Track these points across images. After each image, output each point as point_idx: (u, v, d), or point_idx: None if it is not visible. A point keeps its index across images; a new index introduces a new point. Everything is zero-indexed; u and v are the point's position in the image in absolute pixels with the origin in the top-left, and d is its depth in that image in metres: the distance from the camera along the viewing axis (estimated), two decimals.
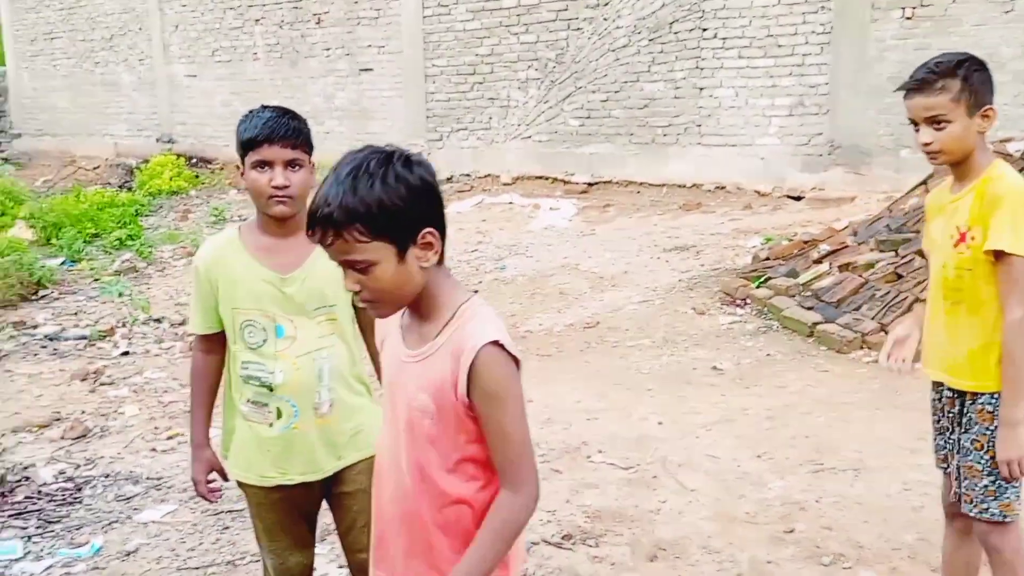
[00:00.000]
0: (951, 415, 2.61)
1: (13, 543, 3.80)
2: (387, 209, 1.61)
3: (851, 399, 4.97)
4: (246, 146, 2.30)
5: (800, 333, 5.98)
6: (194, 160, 14.99)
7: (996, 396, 2.43)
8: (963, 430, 2.54)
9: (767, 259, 7.24)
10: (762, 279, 6.77)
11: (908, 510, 3.72)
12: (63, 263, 9.36)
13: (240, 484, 2.54)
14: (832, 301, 6.13)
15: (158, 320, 7.57)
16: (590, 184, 11.03)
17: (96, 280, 8.75)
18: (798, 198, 9.57)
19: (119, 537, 3.90)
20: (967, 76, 2.37)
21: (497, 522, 1.69)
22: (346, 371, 2.40)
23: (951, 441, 2.63)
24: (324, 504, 2.57)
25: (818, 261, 6.67)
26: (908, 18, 9.02)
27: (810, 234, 7.59)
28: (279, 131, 2.27)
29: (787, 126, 9.71)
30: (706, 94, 10.16)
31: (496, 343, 1.64)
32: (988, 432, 2.45)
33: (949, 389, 2.59)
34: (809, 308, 6.17)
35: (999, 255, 2.36)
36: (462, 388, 1.66)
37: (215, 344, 2.45)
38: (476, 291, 1.84)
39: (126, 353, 6.75)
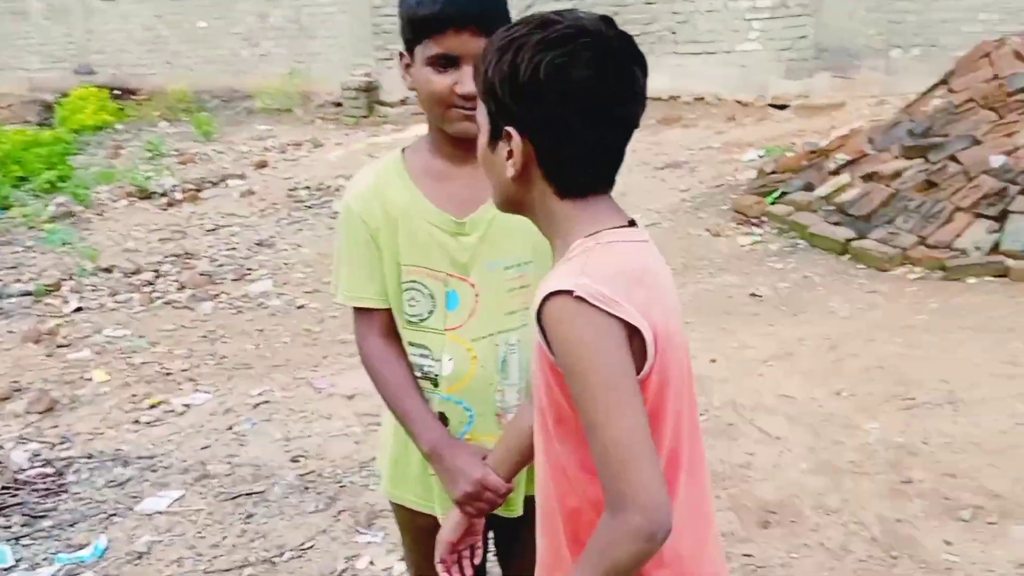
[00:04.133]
0: None
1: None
2: (491, 84, 1.25)
3: (913, 322, 4.57)
4: (420, 28, 1.58)
5: (832, 251, 5.56)
6: (117, 92, 13.81)
7: None
8: None
9: (773, 172, 6.77)
10: (776, 194, 6.31)
11: None
12: None
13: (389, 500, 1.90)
14: (861, 215, 5.71)
15: (107, 270, 6.79)
16: None
17: (31, 228, 7.87)
18: (783, 107, 9.11)
19: (123, 534, 3.29)
20: None
21: (594, 549, 1.18)
22: None
23: None
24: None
25: (835, 172, 6.22)
26: None
27: (813, 144, 7.14)
28: (472, 9, 1.54)
29: (769, 30, 9.17)
30: None
31: (568, 293, 1.15)
32: None
33: None
34: (836, 224, 5.74)
35: None
36: (546, 348, 1.22)
37: (390, 322, 1.72)
38: (632, 221, 1.28)
39: (79, 309, 6.01)
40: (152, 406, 4.47)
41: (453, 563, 1.63)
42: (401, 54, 1.66)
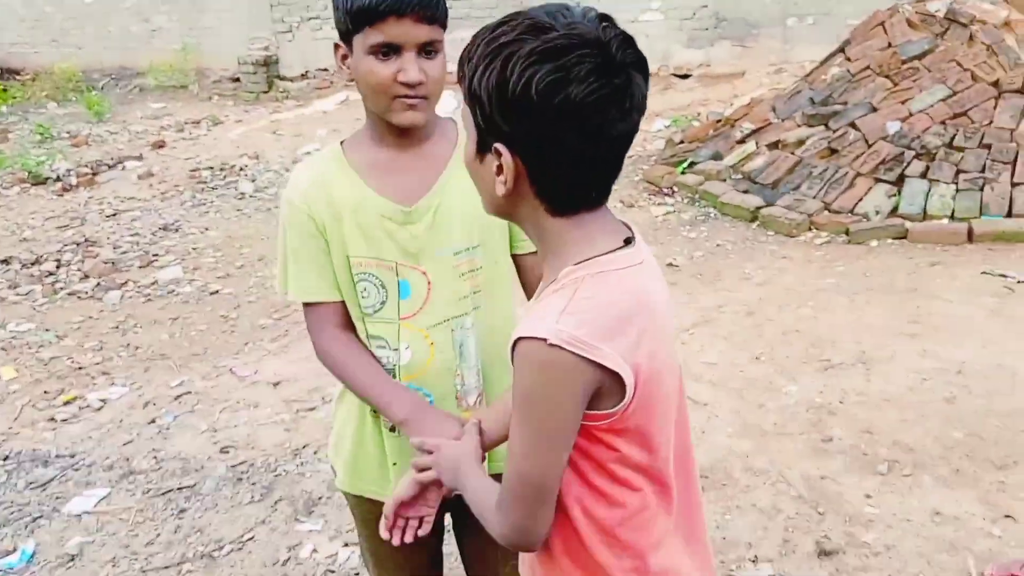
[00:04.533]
0: None
1: None
2: (476, 95, 1.14)
3: (823, 285, 4.75)
4: (359, 19, 1.53)
5: (742, 219, 5.72)
6: None
7: None
8: None
9: (682, 143, 6.91)
10: (686, 164, 6.44)
11: (941, 403, 3.53)
12: None
13: (345, 495, 1.89)
14: (768, 183, 5.89)
15: (5, 261, 6.50)
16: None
17: None
18: (685, 76, 9.27)
19: (51, 537, 3.19)
20: None
21: (488, 501, 1.29)
22: (502, 346, 1.75)
23: None
24: None
25: (742, 141, 6.39)
26: None
27: (719, 113, 7.30)
28: None
29: None
30: None
31: (542, 341, 1.11)
32: None
33: None
34: (744, 192, 5.90)
35: None
36: None
37: (344, 312, 1.70)
38: (630, 238, 1.21)
39: None
40: (67, 402, 4.33)
41: (397, 524, 1.57)
42: (337, 45, 1.63)
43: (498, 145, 1.14)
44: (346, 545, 3.00)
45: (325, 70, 11.44)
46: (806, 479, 3.11)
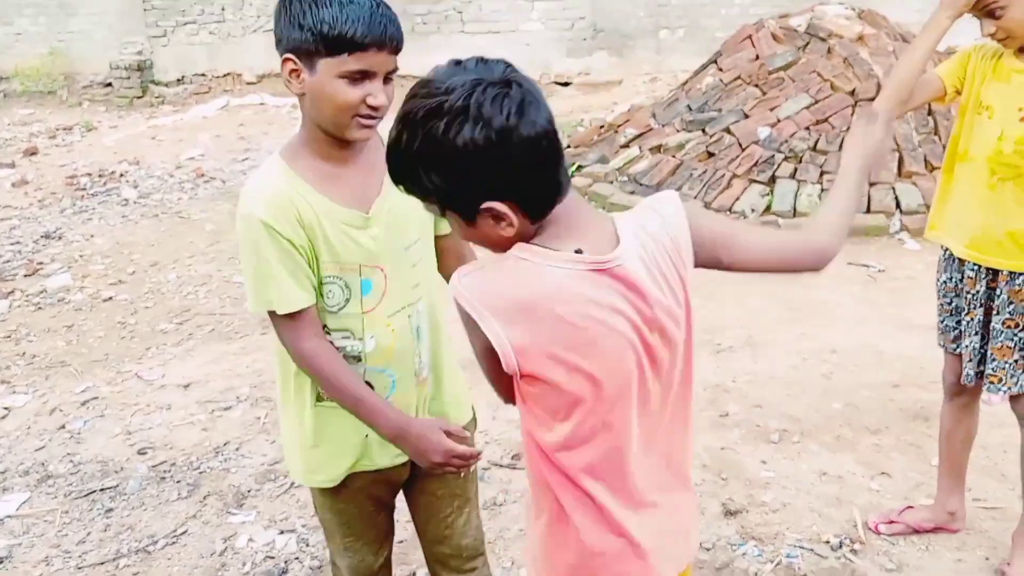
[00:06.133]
0: (971, 295, 2.50)
1: None
2: (431, 185, 1.29)
3: (710, 277, 5.05)
4: (338, 46, 1.61)
5: None
6: None
7: None
8: (995, 312, 2.45)
9: (569, 147, 7.21)
10: (574, 168, 6.74)
11: (820, 379, 3.90)
12: None
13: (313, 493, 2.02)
14: (652, 184, 6.24)
15: None
16: None
17: None
18: (566, 84, 9.62)
19: None
20: None
21: None
22: (441, 322, 1.92)
23: (966, 322, 2.52)
24: None
25: (626, 145, 6.74)
26: None
27: (602, 119, 7.65)
28: (389, 31, 1.62)
29: (550, 10, 9.64)
30: None
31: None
32: None
33: (974, 267, 2.47)
34: (631, 193, 6.23)
35: None
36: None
37: (317, 316, 1.78)
38: (580, 250, 1.33)
39: None
40: None
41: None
42: (289, 59, 1.66)
43: (487, 205, 1.26)
44: (282, 532, 3.10)
45: (203, 75, 11.27)
46: (709, 450, 3.41)
